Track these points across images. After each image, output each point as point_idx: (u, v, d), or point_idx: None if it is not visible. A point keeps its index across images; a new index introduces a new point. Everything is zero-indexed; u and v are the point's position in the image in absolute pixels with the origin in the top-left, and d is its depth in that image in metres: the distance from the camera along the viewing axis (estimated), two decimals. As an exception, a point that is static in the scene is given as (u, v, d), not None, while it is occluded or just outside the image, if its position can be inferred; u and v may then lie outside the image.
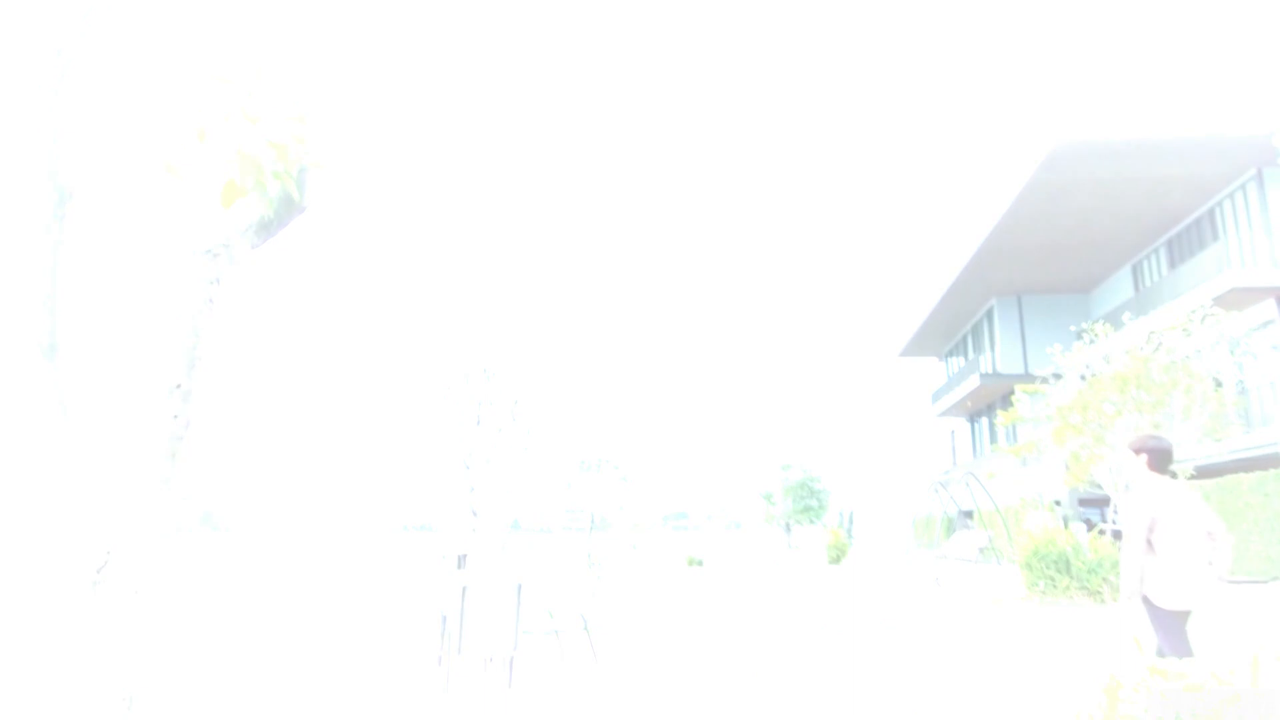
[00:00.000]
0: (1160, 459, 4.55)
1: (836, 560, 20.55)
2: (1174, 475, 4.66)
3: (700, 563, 30.46)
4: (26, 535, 1.95)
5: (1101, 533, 13.29)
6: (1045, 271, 26.17)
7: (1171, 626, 4.32)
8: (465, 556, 11.10)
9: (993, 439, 30.65)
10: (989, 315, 30.08)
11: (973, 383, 29.04)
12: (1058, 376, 14.35)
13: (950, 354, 37.47)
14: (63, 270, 1.98)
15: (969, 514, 26.51)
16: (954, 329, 34.40)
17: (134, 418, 2.10)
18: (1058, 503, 19.01)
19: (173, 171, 2.21)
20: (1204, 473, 15.21)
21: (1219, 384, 13.35)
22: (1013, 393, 22.58)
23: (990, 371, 28.84)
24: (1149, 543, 4.36)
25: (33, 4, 1.93)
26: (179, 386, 2.13)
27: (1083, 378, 13.50)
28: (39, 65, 1.90)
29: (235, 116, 2.20)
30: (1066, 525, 13.68)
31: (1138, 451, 4.62)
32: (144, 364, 2.15)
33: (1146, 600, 4.38)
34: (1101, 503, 19.08)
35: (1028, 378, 23.35)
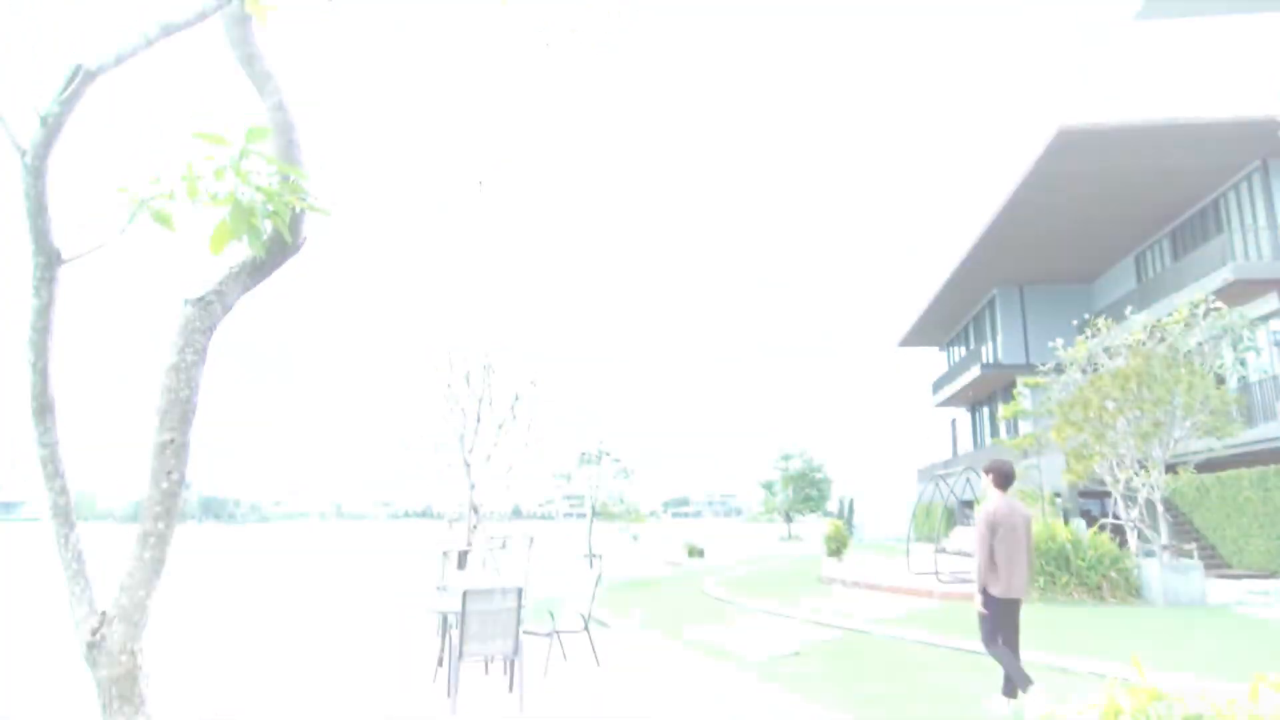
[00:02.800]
0: (1003, 478, 5.49)
1: (836, 553, 20.56)
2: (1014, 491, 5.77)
3: (701, 553, 30.57)
4: (26, 600, 1.94)
5: (1102, 527, 13.30)
6: (1048, 261, 26.06)
7: (1003, 612, 5.30)
8: (466, 555, 11.14)
9: (994, 430, 30.64)
10: (990, 305, 29.98)
11: (974, 373, 29.01)
12: (1059, 371, 14.31)
13: (951, 344, 37.40)
14: (56, 330, 1.95)
15: (969, 504, 26.56)
16: (955, 319, 34.31)
17: (129, 474, 2.09)
18: (1058, 495, 19.02)
19: (164, 222, 2.17)
20: (1205, 467, 15.20)
21: (1221, 380, 13.30)
22: (1014, 384, 22.57)
23: (991, 361, 28.81)
24: (990, 545, 5.27)
25: (19, 66, 1.89)
26: (173, 442, 2.11)
27: (1084, 372, 13.46)
28: (25, 129, 1.87)
29: (228, 173, 2.16)
30: (1067, 521, 13.69)
31: (986, 472, 5.55)
32: (139, 419, 2.14)
33: (984, 590, 5.31)
34: (1102, 495, 19.09)
35: (1029, 368, 23.29)
